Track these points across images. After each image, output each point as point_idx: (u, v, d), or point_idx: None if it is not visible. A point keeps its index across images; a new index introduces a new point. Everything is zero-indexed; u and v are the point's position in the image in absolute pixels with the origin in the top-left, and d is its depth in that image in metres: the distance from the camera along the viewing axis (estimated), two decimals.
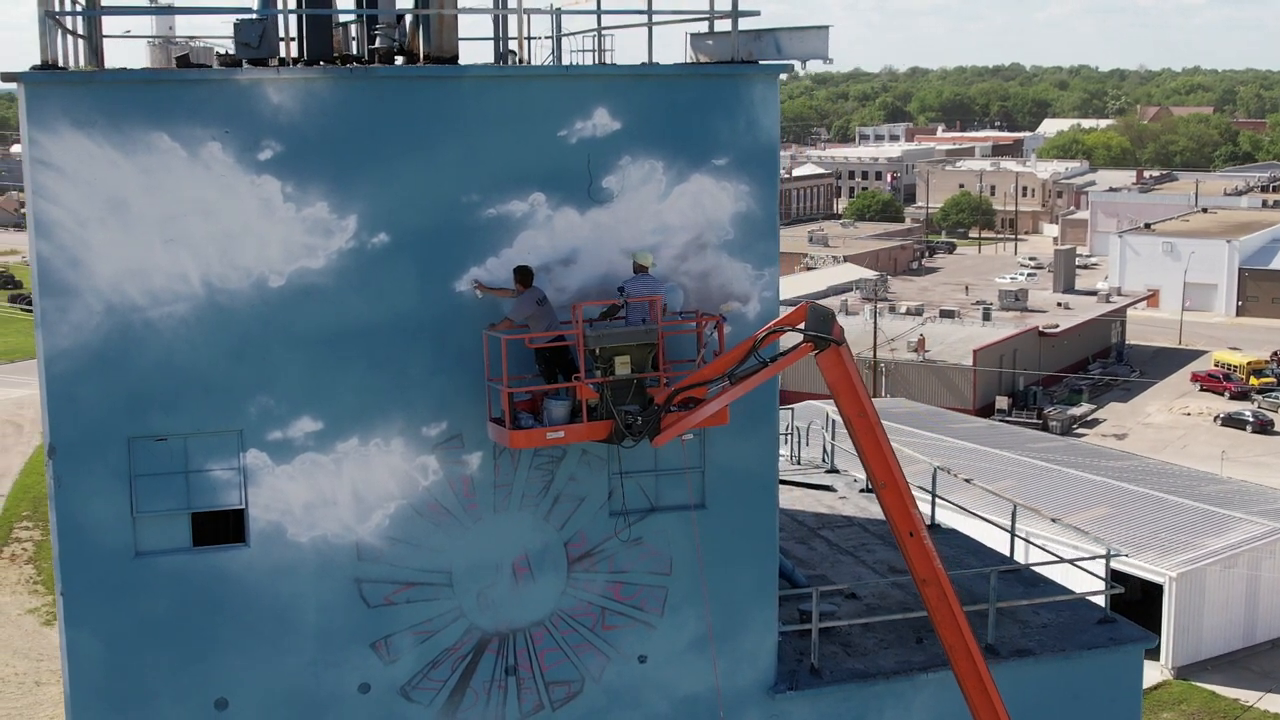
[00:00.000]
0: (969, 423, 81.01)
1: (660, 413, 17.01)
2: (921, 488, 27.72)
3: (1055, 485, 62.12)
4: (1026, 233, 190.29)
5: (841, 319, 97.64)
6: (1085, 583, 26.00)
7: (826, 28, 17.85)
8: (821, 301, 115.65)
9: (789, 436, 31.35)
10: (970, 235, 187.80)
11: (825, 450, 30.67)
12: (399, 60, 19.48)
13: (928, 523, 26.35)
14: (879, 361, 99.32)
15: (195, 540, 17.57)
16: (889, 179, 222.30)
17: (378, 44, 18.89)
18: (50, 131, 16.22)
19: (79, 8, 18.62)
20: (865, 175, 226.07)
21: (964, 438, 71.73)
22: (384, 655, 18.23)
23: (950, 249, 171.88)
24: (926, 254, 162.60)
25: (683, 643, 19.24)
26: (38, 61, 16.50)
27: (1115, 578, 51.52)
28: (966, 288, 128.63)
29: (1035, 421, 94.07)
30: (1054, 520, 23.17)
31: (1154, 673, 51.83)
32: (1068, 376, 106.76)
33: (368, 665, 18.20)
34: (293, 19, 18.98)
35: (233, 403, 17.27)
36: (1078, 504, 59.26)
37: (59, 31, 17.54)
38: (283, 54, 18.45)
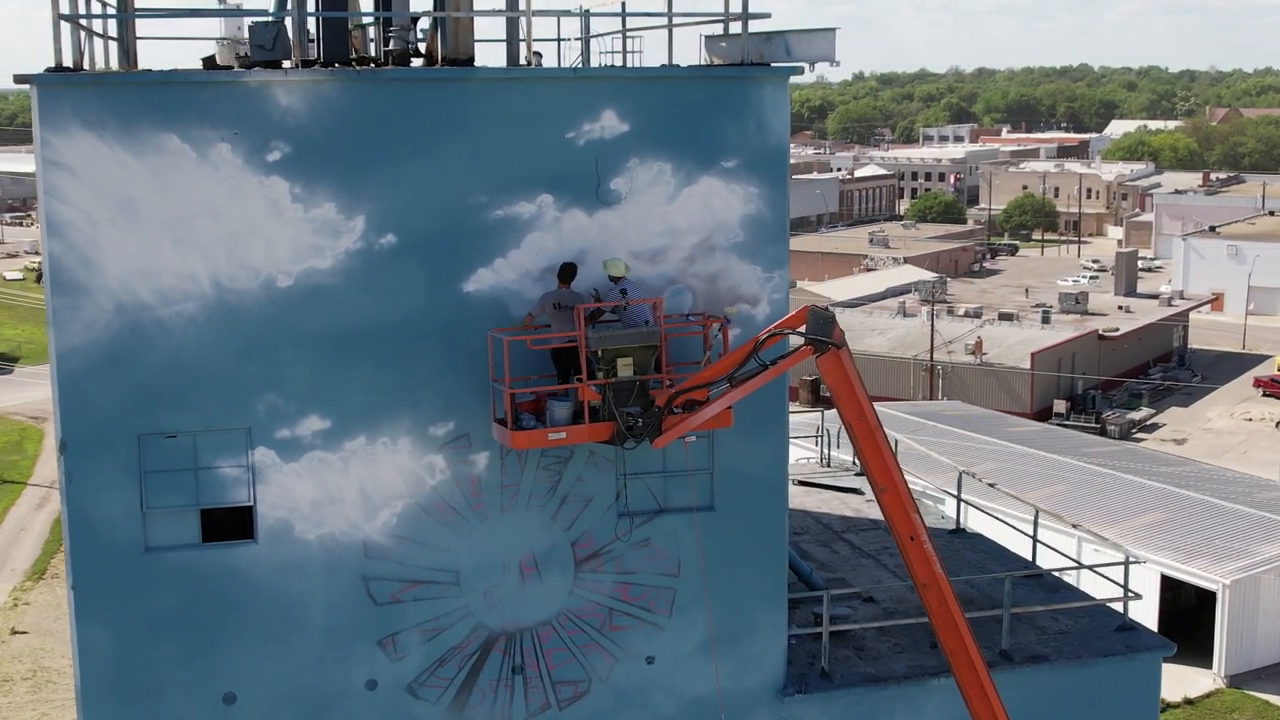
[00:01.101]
0: (1024, 426, 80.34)
1: (661, 414, 17.03)
2: (947, 491, 27.64)
3: (1109, 490, 61.50)
4: (1090, 235, 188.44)
5: (898, 321, 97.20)
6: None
7: (833, 30, 17.82)
8: (884, 303, 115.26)
9: (819, 439, 31.28)
10: (1033, 237, 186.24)
11: (856, 455, 30.48)
12: (417, 62, 19.65)
13: (952, 527, 26.26)
14: (935, 364, 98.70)
15: (204, 536, 17.79)
16: (952, 180, 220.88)
17: (391, 46, 19.04)
18: (62, 132, 16.49)
19: (109, 10, 18.96)
20: (928, 176, 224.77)
21: (1018, 441, 71.15)
22: (391, 652, 18.38)
23: (1012, 251, 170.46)
24: (988, 256, 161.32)
25: (691, 644, 19.26)
26: (67, 64, 16.81)
27: (1168, 585, 51.39)
28: (1027, 290, 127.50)
29: (1093, 426, 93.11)
30: (1075, 526, 22.94)
31: (1206, 681, 51.29)
32: (1128, 381, 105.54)
33: (375, 662, 18.36)
34: (310, 22, 19.19)
35: (241, 401, 17.48)
36: (1132, 509, 58.69)
37: (85, 34, 17.86)
38: (302, 56, 18.66)
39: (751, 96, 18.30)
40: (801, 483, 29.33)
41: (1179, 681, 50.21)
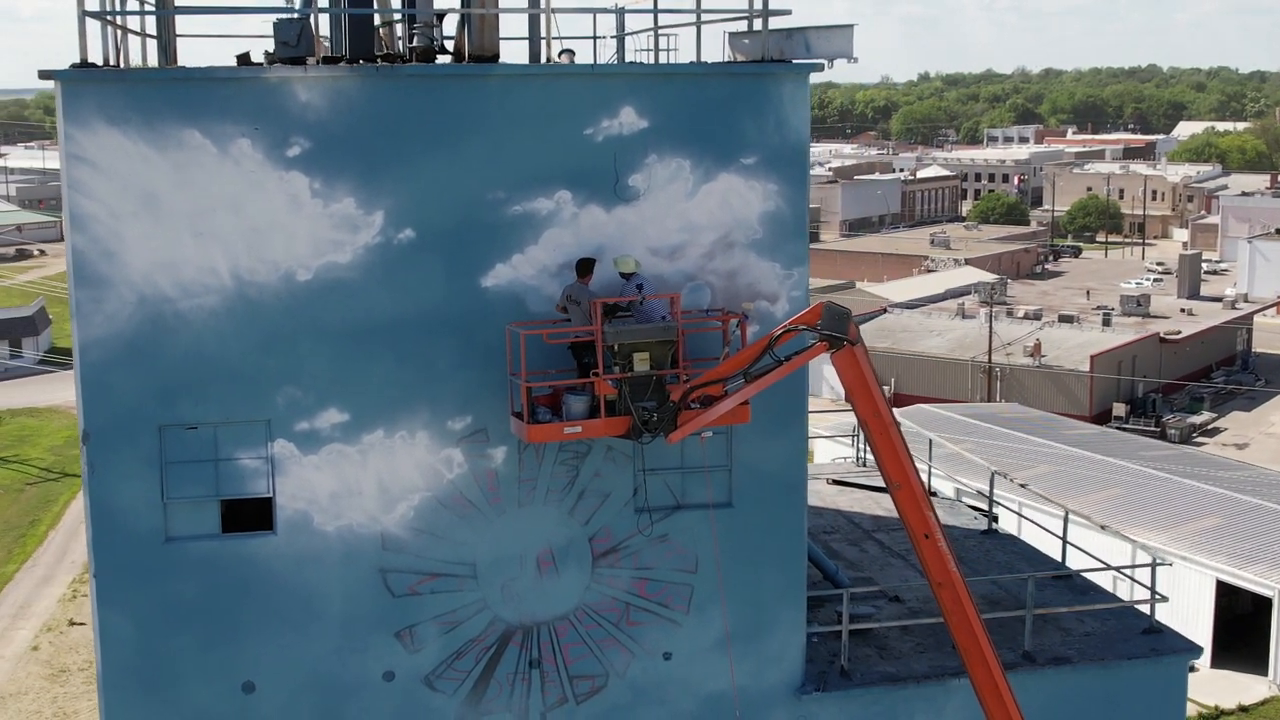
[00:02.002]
0: (1081, 429, 79.60)
1: (676, 409, 17.06)
2: (980, 492, 27.47)
3: (1166, 494, 60.84)
4: (1155, 238, 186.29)
5: (957, 322, 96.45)
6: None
7: (851, 26, 17.78)
8: (943, 304, 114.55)
9: (854, 438, 31.19)
10: (1096, 240, 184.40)
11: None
12: (444, 60, 19.76)
13: (985, 528, 26.11)
14: (993, 366, 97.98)
15: (224, 527, 18.00)
16: (1016, 182, 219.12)
17: (415, 43, 19.17)
18: (85, 128, 16.75)
19: (149, 7, 19.23)
20: (992, 178, 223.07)
21: (1074, 444, 70.50)
22: (408, 644, 18.52)
23: (1075, 253, 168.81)
24: (1050, 258, 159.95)
25: (709, 641, 19.27)
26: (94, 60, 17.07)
27: (1224, 591, 50.72)
28: (1088, 292, 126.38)
29: (1153, 430, 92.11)
30: (1103, 528, 22.72)
31: (1261, 688, 50.63)
32: (1189, 384, 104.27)
33: (392, 654, 18.50)
34: (336, 18, 19.37)
35: (261, 393, 17.68)
36: (1188, 513, 58.05)
37: (121, 32, 18.14)
38: (328, 53, 18.87)
39: (771, 93, 18.29)
40: (835, 482, 29.27)
41: (1234, 688, 49.63)
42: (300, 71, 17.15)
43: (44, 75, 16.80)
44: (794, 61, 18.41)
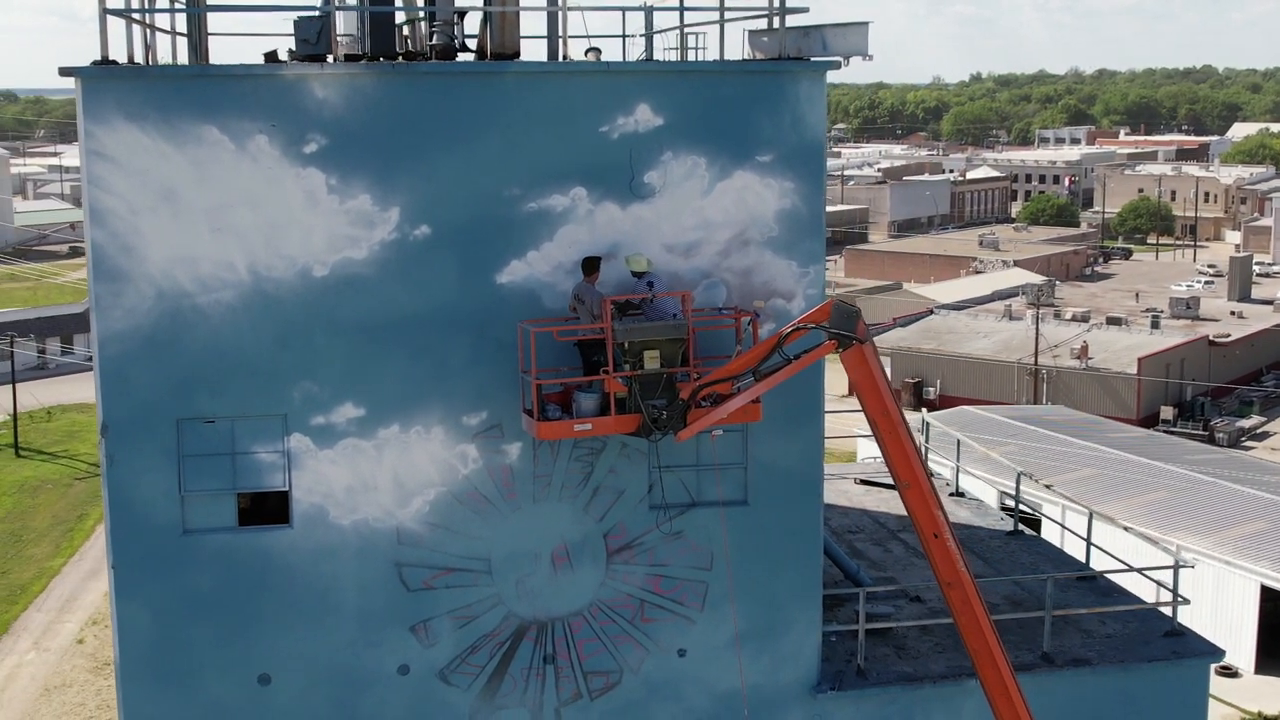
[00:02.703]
0: (1127, 432, 78.97)
1: (685, 407, 17.08)
2: (1005, 492, 27.33)
3: (1211, 498, 60.30)
4: (1207, 240, 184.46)
5: (1004, 324, 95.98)
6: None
7: (866, 24, 17.75)
8: (990, 305, 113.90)
9: None
10: (1148, 242, 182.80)
11: (920, 453, 30.25)
12: (469, 57, 19.86)
13: (1009, 529, 25.98)
14: (1040, 368, 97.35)
15: (241, 520, 18.17)
16: (1066, 183, 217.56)
17: (435, 40, 19.28)
18: (105, 124, 16.95)
19: (179, 5, 19.46)
20: (1042, 179, 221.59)
21: (1119, 447, 69.96)
22: (423, 638, 18.62)
23: (1126, 255, 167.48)
24: (1100, 260, 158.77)
25: (723, 638, 19.27)
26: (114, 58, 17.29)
27: (1269, 596, 50.17)
28: (1137, 295, 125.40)
29: (1201, 433, 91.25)
30: (1126, 529, 22.53)
31: None
32: (1239, 388, 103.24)
33: (407, 647, 18.62)
34: (357, 17, 19.47)
35: (277, 388, 17.83)
36: (1233, 518, 57.53)
37: (149, 30, 18.35)
38: (351, 50, 18.98)
39: (788, 91, 18.27)
40: (863, 481, 29.19)
41: (1278, 694, 49.15)
42: (316, 68, 17.29)
43: (64, 72, 17.00)
44: (810, 59, 18.38)
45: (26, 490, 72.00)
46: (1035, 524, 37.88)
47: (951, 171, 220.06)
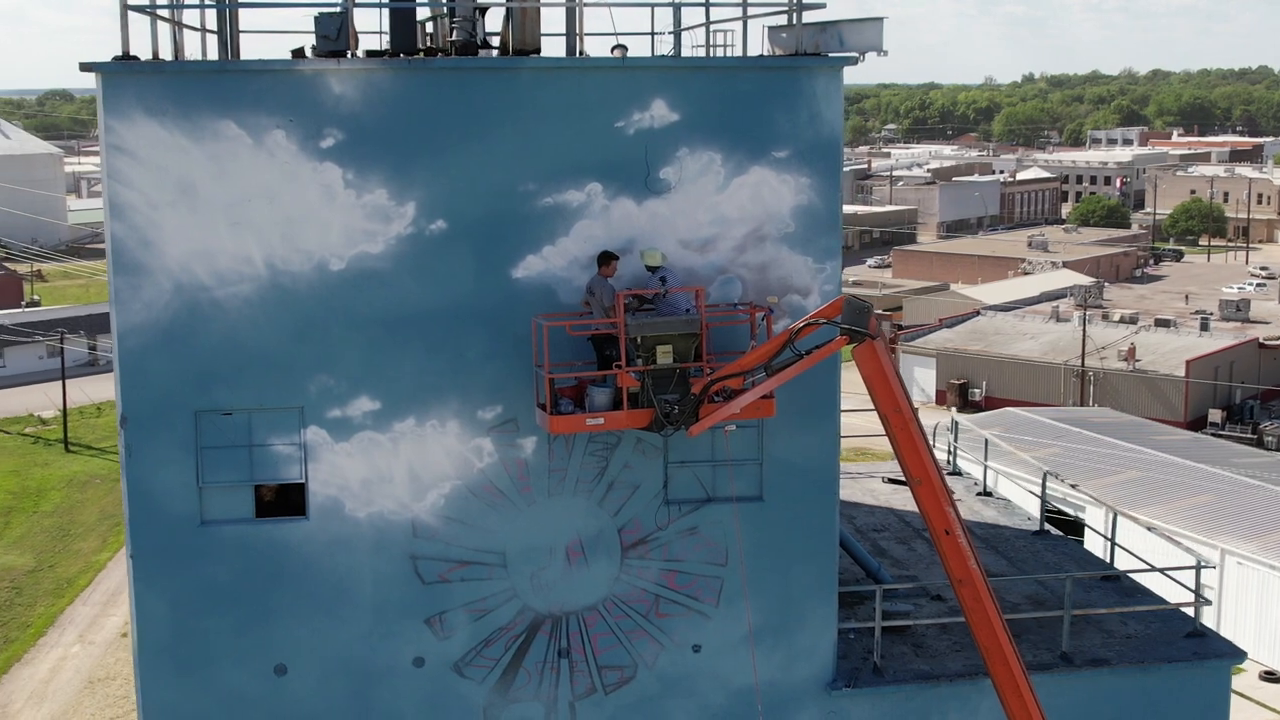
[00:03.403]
0: (1173, 435, 78.31)
1: (698, 402, 17.10)
2: (1031, 492, 27.19)
3: (1258, 502, 59.71)
4: (1260, 241, 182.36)
5: (1051, 326, 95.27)
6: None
7: (881, 20, 17.72)
8: (1038, 307, 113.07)
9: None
10: (1199, 243, 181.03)
11: (949, 452, 30.23)
12: (490, 53, 19.96)
13: (1035, 528, 25.84)
14: (1087, 370, 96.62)
15: (257, 511, 18.33)
16: (1118, 184, 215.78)
17: (455, 36, 19.40)
18: (125, 119, 17.15)
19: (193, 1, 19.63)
20: (1093, 180, 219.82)
21: (1165, 450, 69.42)
22: (438, 631, 18.72)
23: (1177, 257, 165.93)
24: (1151, 262, 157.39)
25: (739, 634, 19.26)
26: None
27: None
28: (1187, 297, 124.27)
29: (1249, 436, 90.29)
30: (1150, 529, 22.34)
31: None
32: None
33: (422, 640, 18.72)
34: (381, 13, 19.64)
35: (294, 381, 17.98)
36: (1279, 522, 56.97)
37: (178, 27, 18.57)
38: (374, 46, 19.16)
39: (804, 87, 18.25)
40: (891, 480, 29.09)
41: None
42: (333, 64, 17.42)
43: (85, 67, 17.21)
44: (827, 55, 18.35)
45: (75, 485, 72.81)
46: (1078, 527, 37.69)
47: (1002, 172, 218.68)
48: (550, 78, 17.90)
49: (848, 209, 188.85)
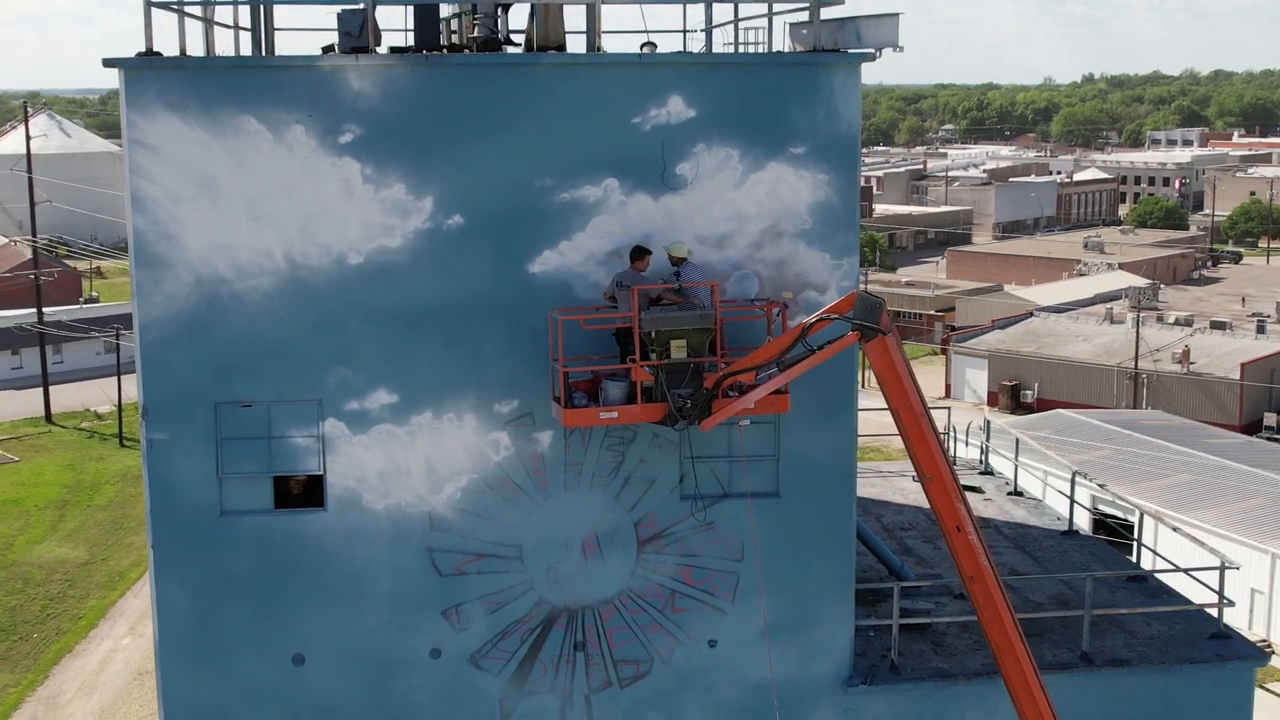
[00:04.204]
0: (1226, 438, 77.44)
1: (710, 397, 17.14)
2: (1062, 493, 27.02)
3: None
4: None
5: (1104, 327, 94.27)
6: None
7: (896, 15, 17.68)
8: (1091, 309, 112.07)
9: (946, 436, 30.84)
10: (1259, 245, 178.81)
11: (982, 452, 30.11)
12: (514, 50, 20.09)
13: (1065, 528, 25.70)
14: (1140, 372, 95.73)
15: (285, 503, 18.53)
16: (1176, 185, 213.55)
17: (477, 33, 19.54)
18: (147, 114, 17.39)
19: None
20: (1151, 181, 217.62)
21: (1217, 453, 68.70)
22: (454, 623, 18.86)
23: (1235, 259, 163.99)
24: (1208, 264, 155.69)
25: (754, 630, 19.28)
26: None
27: None
28: (1244, 299, 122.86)
29: None
30: (1175, 530, 22.14)
31: None
32: None
33: (439, 632, 18.86)
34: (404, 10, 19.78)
35: (313, 373, 18.17)
36: None
37: (210, 25, 18.82)
38: (399, 43, 19.32)
39: (822, 83, 18.25)
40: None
41: None
42: (351, 60, 17.59)
43: (108, 63, 17.47)
44: (844, 51, 18.34)
45: (129, 479, 73.59)
46: (1129, 529, 37.38)
47: (1059, 173, 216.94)
48: (567, 74, 17.99)
49: (901, 209, 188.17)
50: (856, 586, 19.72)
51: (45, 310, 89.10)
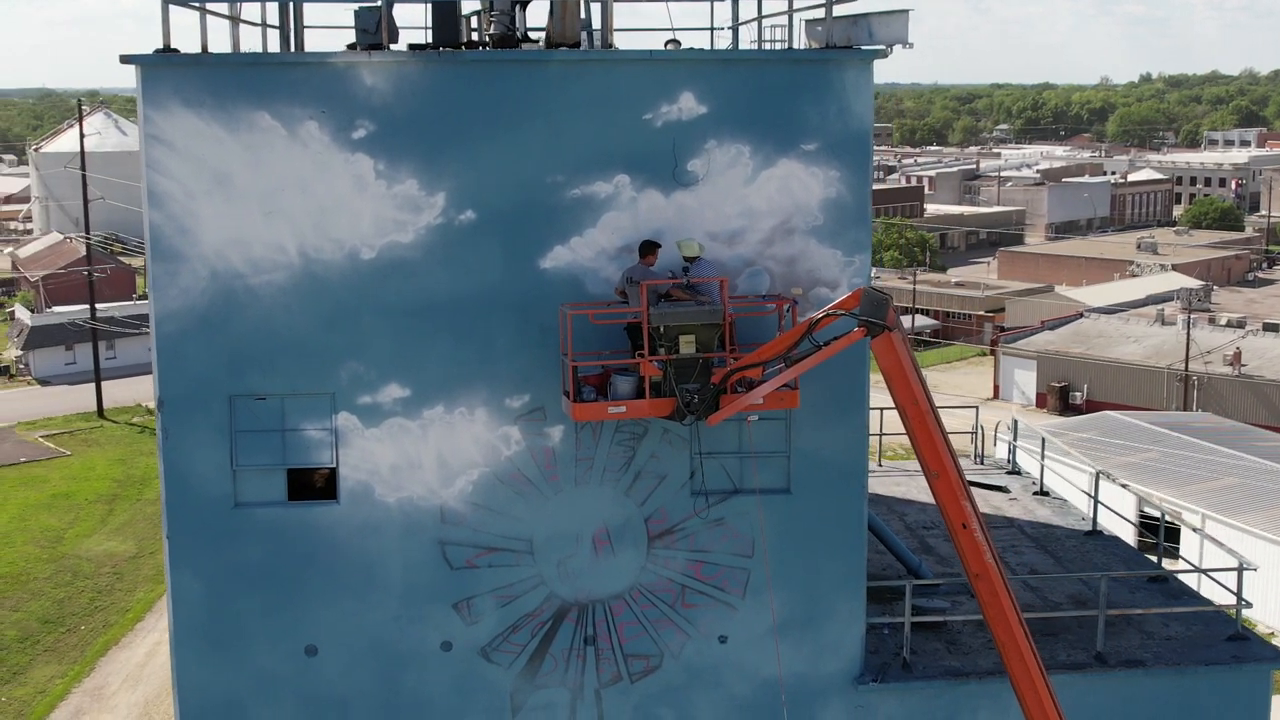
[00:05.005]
0: (1276, 441, 76.62)
1: (717, 392, 17.18)
2: (1085, 491, 26.85)
3: None
4: None
5: (1155, 329, 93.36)
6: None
7: (906, 12, 17.66)
8: (1142, 310, 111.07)
9: (974, 436, 30.75)
10: None
11: (1009, 451, 29.97)
12: (533, 47, 20.21)
13: (1089, 528, 25.55)
14: (1190, 374, 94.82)
15: (305, 494, 18.73)
16: (1233, 186, 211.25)
17: (493, 29, 19.66)
18: (163, 110, 17.62)
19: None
20: (1207, 182, 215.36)
21: (1266, 456, 67.98)
22: (465, 616, 18.99)
23: None
24: (1264, 265, 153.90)
25: (765, 626, 19.29)
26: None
27: None
28: None
29: None
30: (1195, 530, 21.96)
31: None
32: None
33: (450, 624, 19.01)
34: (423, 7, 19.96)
35: (326, 367, 18.35)
36: None
37: (236, 24, 19.04)
38: (419, 40, 19.49)
39: (834, 80, 18.25)
40: None
41: None
42: (364, 56, 17.75)
43: (125, 60, 17.71)
44: (856, 48, 18.32)
45: None
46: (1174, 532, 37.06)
47: (1113, 174, 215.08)
48: (579, 70, 18.08)
49: (953, 209, 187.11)
50: (869, 584, 19.71)
51: (99, 306, 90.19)
